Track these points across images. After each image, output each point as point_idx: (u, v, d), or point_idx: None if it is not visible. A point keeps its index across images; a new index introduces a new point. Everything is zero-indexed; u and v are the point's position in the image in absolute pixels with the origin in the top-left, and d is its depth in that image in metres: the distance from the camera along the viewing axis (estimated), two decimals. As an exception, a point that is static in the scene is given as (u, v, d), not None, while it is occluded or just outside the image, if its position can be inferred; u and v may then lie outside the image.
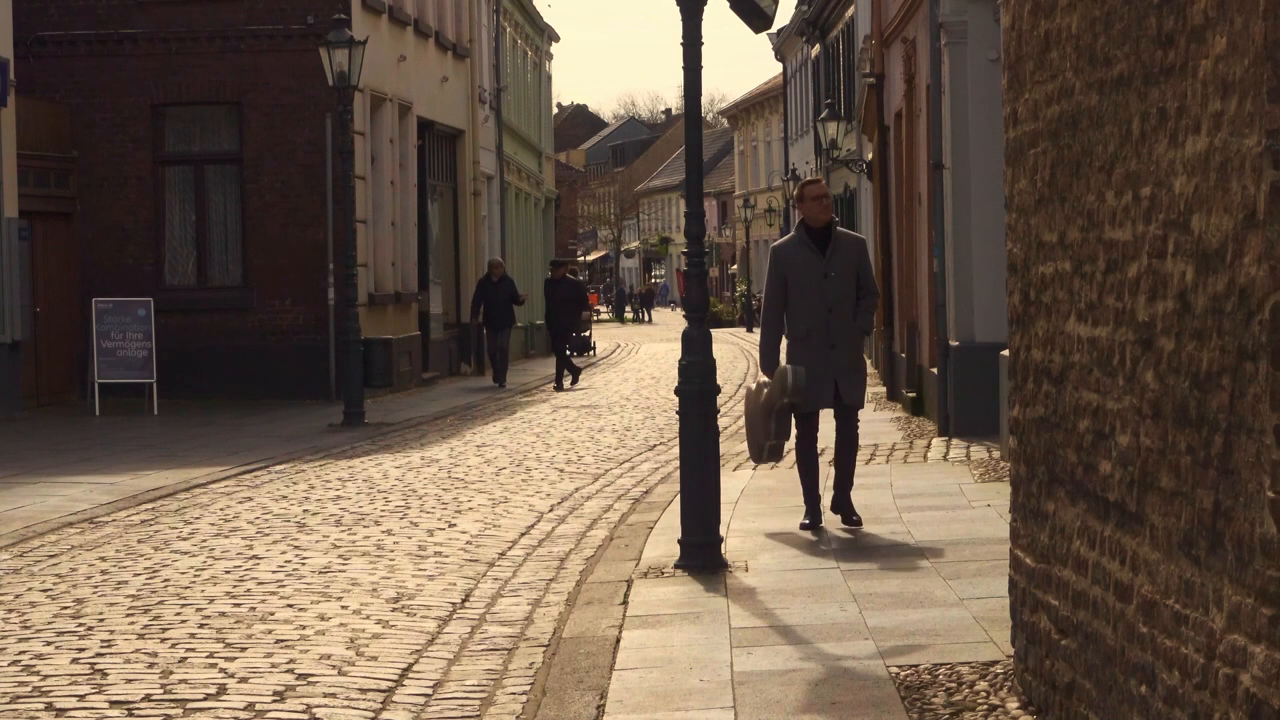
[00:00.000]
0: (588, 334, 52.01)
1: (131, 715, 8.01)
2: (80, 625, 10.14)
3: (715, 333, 14.40)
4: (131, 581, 11.67)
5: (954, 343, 19.06)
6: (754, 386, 12.71)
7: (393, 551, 12.80)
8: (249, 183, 29.81)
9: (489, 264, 35.47)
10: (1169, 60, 5.28)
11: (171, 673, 8.83)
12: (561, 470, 18.35)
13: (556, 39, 58.13)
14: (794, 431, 12.68)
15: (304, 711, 8.00)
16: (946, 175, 19.27)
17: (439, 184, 38.40)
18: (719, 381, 12.20)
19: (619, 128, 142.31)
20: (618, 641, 9.21)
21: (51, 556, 12.91)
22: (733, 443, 18.49)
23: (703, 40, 11.69)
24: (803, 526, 12.61)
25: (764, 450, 12.65)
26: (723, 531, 11.79)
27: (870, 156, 32.15)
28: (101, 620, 10.28)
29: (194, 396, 28.31)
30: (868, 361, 14.03)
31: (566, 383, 33.23)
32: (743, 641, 9.01)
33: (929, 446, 18.24)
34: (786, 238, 12.91)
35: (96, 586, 11.50)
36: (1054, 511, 6.75)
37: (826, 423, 12.96)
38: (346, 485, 17.14)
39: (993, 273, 17.56)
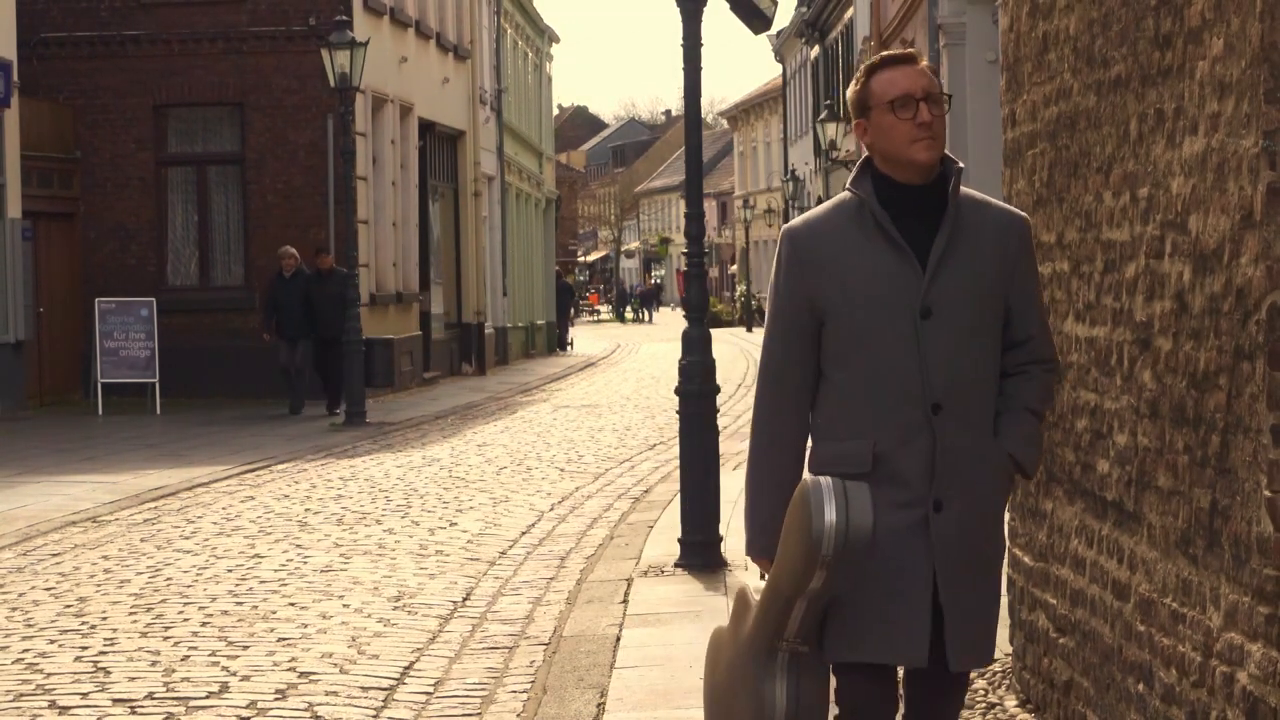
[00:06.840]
0: (559, 331, 52.04)
1: (134, 713, 8.04)
2: (83, 623, 10.17)
3: (715, 333, 14.34)
4: (134, 580, 11.70)
5: (954, 343, 19.06)
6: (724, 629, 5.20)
7: (394, 550, 12.82)
8: (251, 183, 29.83)
9: (279, 254, 26.94)
10: (1166, 61, 5.31)
11: (174, 671, 8.86)
12: (562, 469, 18.38)
13: (557, 40, 58.11)
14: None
15: (306, 709, 8.03)
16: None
17: (440, 185, 38.41)
18: (719, 381, 12.22)
19: (619, 129, 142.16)
20: (618, 640, 9.24)
21: (55, 555, 12.94)
22: (733, 442, 18.51)
23: (703, 41, 11.73)
24: None
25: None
26: (722, 530, 11.82)
27: (871, 157, 32.12)
28: (104, 619, 10.31)
29: (196, 396, 28.31)
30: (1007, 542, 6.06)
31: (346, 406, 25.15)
32: (743, 640, 9.02)
33: (929, 447, 18.23)
34: (822, 208, 5.06)
35: (99, 585, 11.53)
36: (1052, 510, 6.78)
37: None
38: (348, 484, 17.16)
39: (993, 273, 17.54)
